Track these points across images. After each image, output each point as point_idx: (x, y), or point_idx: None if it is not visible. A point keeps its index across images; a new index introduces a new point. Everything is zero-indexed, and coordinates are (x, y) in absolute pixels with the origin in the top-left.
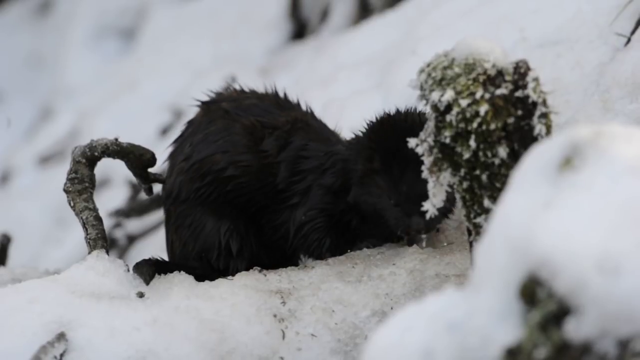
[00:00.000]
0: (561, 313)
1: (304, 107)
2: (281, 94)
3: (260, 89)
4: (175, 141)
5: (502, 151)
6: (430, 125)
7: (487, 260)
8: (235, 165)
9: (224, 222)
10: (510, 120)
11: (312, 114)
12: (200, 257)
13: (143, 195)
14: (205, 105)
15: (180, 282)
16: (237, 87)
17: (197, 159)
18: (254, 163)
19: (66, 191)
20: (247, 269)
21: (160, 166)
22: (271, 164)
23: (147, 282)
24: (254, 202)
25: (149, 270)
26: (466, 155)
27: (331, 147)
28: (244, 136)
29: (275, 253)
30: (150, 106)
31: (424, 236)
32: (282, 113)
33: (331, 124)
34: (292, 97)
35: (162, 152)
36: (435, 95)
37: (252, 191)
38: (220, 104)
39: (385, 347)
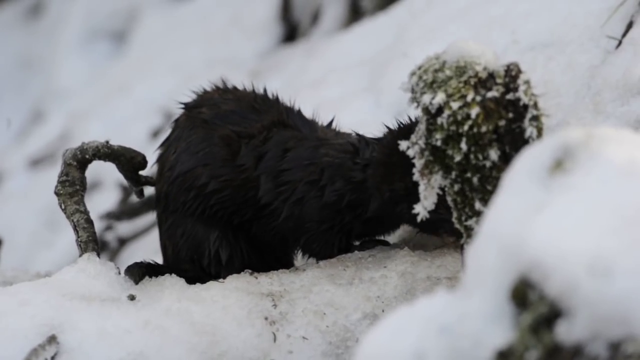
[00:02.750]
0: (552, 315)
1: (283, 104)
2: (260, 92)
3: (247, 89)
4: (163, 144)
5: (494, 154)
6: (421, 127)
7: (478, 262)
8: (216, 179)
9: (213, 231)
10: (502, 122)
11: (289, 110)
12: (192, 260)
13: (134, 198)
14: (187, 110)
15: (171, 285)
16: (220, 86)
17: (180, 171)
18: (233, 177)
19: (57, 194)
20: None
21: (151, 169)
22: (250, 178)
23: (137, 282)
24: (240, 214)
25: (139, 271)
26: (457, 158)
27: (313, 154)
28: (222, 148)
29: (268, 259)
30: (141, 109)
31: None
32: (258, 118)
33: (309, 116)
34: (272, 94)
35: (153, 155)
36: (426, 98)
37: (236, 204)
38: (200, 110)
39: (377, 350)
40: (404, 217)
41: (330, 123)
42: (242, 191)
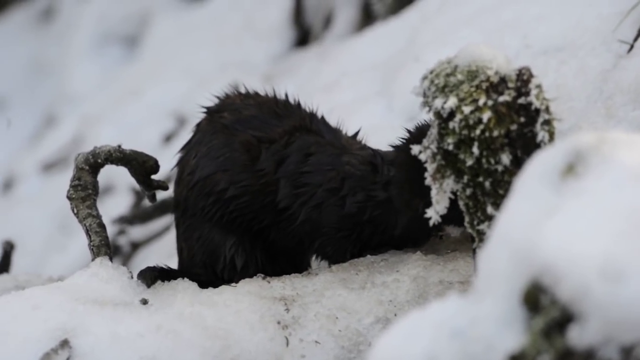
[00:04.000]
0: (564, 320)
1: (305, 109)
2: (282, 97)
3: (269, 94)
4: (184, 147)
5: (505, 158)
6: (433, 132)
7: (490, 267)
8: (235, 185)
9: (230, 237)
10: (513, 127)
11: (312, 116)
12: (205, 264)
13: (146, 202)
14: (209, 114)
15: (184, 289)
16: (242, 90)
17: (200, 176)
18: (252, 182)
19: (69, 198)
20: None
21: (164, 173)
22: (269, 183)
23: (149, 286)
24: (258, 220)
25: (151, 275)
26: (469, 162)
27: (336, 161)
28: (242, 153)
29: (284, 267)
30: (154, 113)
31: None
32: (279, 123)
33: (334, 123)
34: (293, 100)
35: (166, 159)
36: (438, 102)
37: (254, 210)
38: (222, 114)
39: (389, 354)
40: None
41: (356, 134)
42: (261, 196)
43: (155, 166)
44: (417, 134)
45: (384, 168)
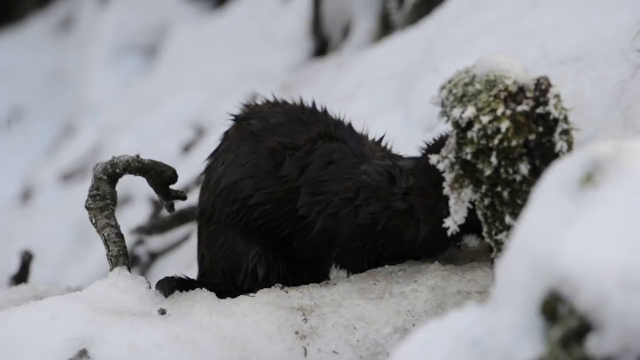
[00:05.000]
0: (583, 329)
1: (331, 117)
2: (308, 105)
3: (296, 102)
4: (212, 155)
5: (524, 168)
6: (451, 141)
7: (508, 276)
8: (260, 192)
9: (253, 247)
10: (532, 136)
11: (338, 123)
12: (224, 274)
13: (165, 212)
14: (237, 121)
15: (202, 299)
16: (269, 99)
17: (227, 182)
18: (277, 189)
19: (88, 208)
20: None
21: (182, 183)
22: (292, 189)
23: (167, 296)
24: (281, 228)
25: (169, 285)
26: (487, 172)
27: (354, 170)
28: (267, 160)
29: (304, 277)
30: (172, 123)
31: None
32: (305, 130)
33: (360, 130)
34: (320, 107)
35: (184, 169)
36: (456, 112)
37: (277, 218)
38: (249, 122)
39: None
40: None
41: (381, 139)
42: (283, 203)
43: (173, 176)
44: (438, 143)
45: (403, 178)
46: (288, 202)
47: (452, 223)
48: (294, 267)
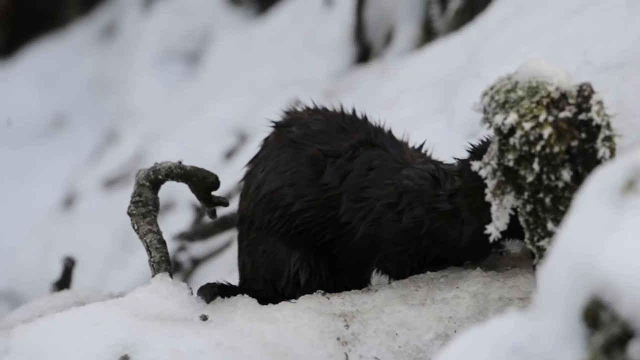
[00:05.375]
0: (625, 336)
1: (372, 124)
2: (349, 112)
3: (336, 109)
4: (251, 161)
5: (566, 174)
6: (493, 148)
7: (550, 283)
8: (301, 199)
9: (295, 252)
10: (574, 143)
11: (379, 130)
12: (266, 280)
13: (207, 219)
14: (277, 128)
15: (243, 305)
16: (310, 106)
17: (267, 190)
18: (318, 197)
19: (130, 214)
20: None
21: (225, 189)
22: (333, 197)
23: (208, 302)
24: (322, 235)
25: (211, 291)
26: (530, 178)
27: (395, 175)
28: (308, 167)
29: (346, 283)
30: (215, 129)
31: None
32: (345, 137)
33: (400, 137)
34: (360, 114)
35: (226, 175)
36: (498, 118)
37: (318, 224)
38: (290, 129)
39: None
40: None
41: (421, 146)
42: (325, 211)
43: (215, 182)
44: (483, 146)
45: (448, 180)
46: (330, 210)
47: (494, 229)
48: (336, 272)
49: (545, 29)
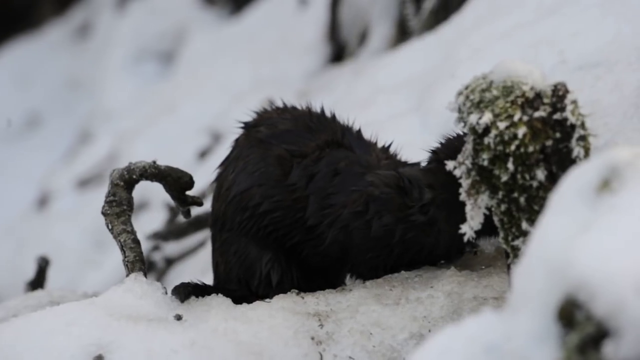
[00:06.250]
0: (599, 335)
1: (339, 123)
2: (317, 111)
3: (305, 108)
4: (223, 163)
5: (540, 174)
6: (468, 147)
7: (525, 282)
8: (269, 200)
9: (266, 253)
10: (549, 142)
11: (346, 130)
12: (240, 280)
13: (181, 218)
14: (246, 129)
15: (217, 305)
16: (279, 105)
17: (237, 191)
18: (285, 197)
19: (104, 214)
20: None
21: (199, 189)
22: (300, 198)
23: (182, 301)
24: (291, 236)
25: (185, 291)
26: (504, 178)
27: (360, 181)
28: (276, 167)
29: (319, 283)
30: (189, 129)
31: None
32: (312, 137)
33: (368, 136)
34: (329, 113)
35: (201, 175)
36: (473, 118)
37: (286, 225)
38: (258, 129)
39: None
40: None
41: (389, 147)
42: (292, 212)
43: (190, 182)
44: (445, 149)
45: (415, 190)
46: (297, 211)
47: (468, 229)
48: (308, 273)
49: (520, 28)
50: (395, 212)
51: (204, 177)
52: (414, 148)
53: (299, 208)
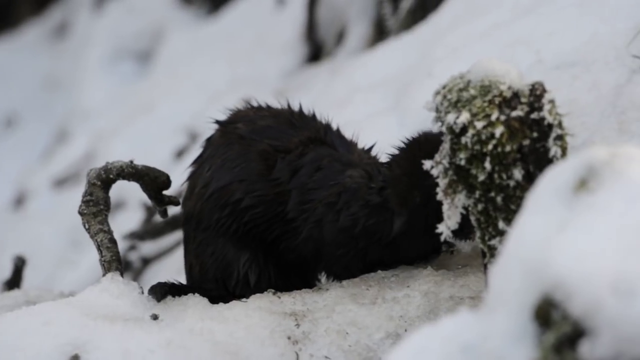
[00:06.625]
0: (576, 335)
1: (320, 121)
2: (296, 109)
3: (282, 106)
4: (195, 161)
5: (518, 173)
6: (445, 147)
7: (501, 282)
8: (250, 195)
9: (244, 253)
10: (526, 142)
11: (327, 128)
12: (217, 279)
13: (158, 218)
14: (222, 126)
15: (194, 305)
16: (254, 104)
17: (215, 187)
18: (268, 192)
19: (81, 213)
20: None
21: (175, 188)
22: (283, 192)
23: (159, 300)
24: (271, 230)
25: (161, 290)
26: (481, 178)
27: (339, 176)
28: (258, 163)
29: (294, 282)
30: (166, 128)
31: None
32: (295, 133)
33: (349, 136)
34: (308, 111)
35: (178, 175)
36: (450, 117)
37: (268, 220)
38: (236, 126)
39: None
40: (438, 214)
41: (371, 148)
42: (274, 206)
43: (167, 182)
44: (414, 141)
45: (378, 176)
46: (279, 205)
47: (445, 229)
48: (285, 272)
49: (497, 28)
50: (361, 200)
51: (180, 176)
52: (391, 147)
53: (280, 202)
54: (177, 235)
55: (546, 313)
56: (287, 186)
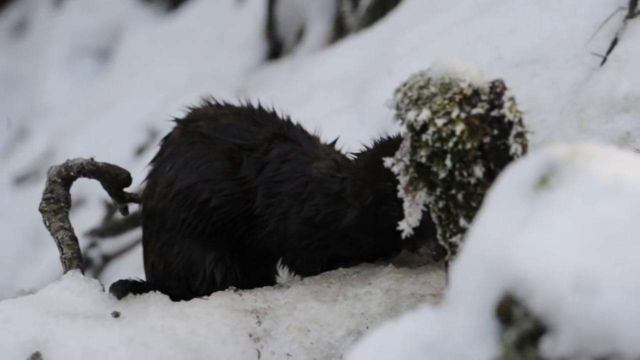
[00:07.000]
0: (537, 332)
1: (282, 118)
2: (256, 106)
3: (236, 104)
4: (155, 159)
5: (478, 170)
6: (406, 144)
7: (463, 279)
8: (218, 195)
9: (210, 252)
10: (486, 139)
11: (289, 124)
12: (180, 277)
13: (118, 215)
14: (182, 124)
15: (155, 302)
16: (213, 102)
17: (180, 187)
18: (235, 191)
19: (42, 211)
20: None
21: (136, 186)
22: (249, 190)
23: (120, 298)
24: (237, 227)
25: (122, 288)
26: (442, 175)
27: (306, 168)
28: (223, 162)
29: (257, 279)
30: (126, 126)
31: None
32: (259, 131)
33: (311, 131)
34: (268, 108)
35: (138, 172)
36: (411, 115)
37: (234, 218)
38: (197, 124)
39: None
40: (387, 219)
41: (334, 142)
42: (241, 204)
43: (128, 179)
44: (390, 142)
45: (348, 164)
46: (246, 202)
47: (406, 226)
48: (250, 271)
49: (457, 25)
50: (325, 189)
51: (141, 174)
52: (351, 144)
53: (247, 200)
54: (138, 232)
55: (507, 310)
56: (253, 183)
